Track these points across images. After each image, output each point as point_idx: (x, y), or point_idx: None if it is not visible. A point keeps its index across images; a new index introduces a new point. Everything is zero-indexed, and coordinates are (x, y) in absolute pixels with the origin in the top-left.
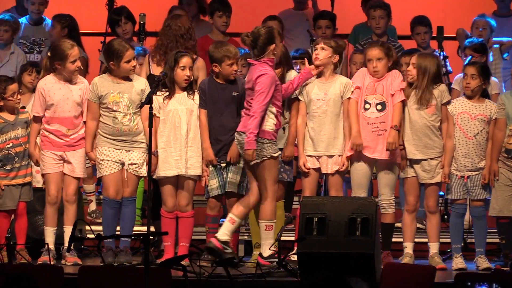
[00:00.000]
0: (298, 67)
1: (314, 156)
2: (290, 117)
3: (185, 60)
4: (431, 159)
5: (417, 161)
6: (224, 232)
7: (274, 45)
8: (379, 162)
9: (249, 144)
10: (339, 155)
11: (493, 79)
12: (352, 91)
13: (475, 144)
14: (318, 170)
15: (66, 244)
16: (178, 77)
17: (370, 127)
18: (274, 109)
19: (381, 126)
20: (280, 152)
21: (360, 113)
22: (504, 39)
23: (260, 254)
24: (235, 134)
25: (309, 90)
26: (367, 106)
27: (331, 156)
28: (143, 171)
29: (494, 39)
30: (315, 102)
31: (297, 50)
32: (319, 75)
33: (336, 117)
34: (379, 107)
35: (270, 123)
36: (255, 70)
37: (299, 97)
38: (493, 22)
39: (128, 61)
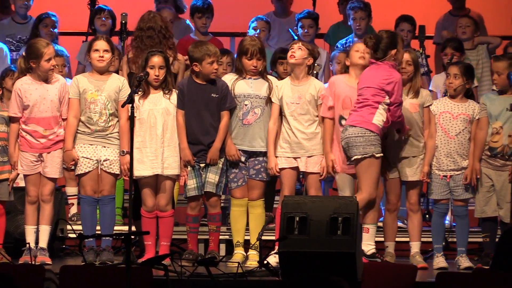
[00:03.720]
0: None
1: (292, 157)
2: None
3: (155, 60)
4: (413, 157)
5: (399, 160)
6: (366, 244)
7: (395, 50)
8: None
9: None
10: (320, 154)
11: None
12: (328, 107)
13: (457, 144)
14: (296, 169)
15: (41, 242)
16: (149, 77)
17: None
18: (385, 107)
19: None
20: (382, 154)
21: (336, 127)
22: (490, 38)
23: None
24: (343, 130)
25: (283, 93)
26: (343, 122)
27: (310, 156)
28: (116, 168)
29: (481, 37)
30: (289, 105)
31: (282, 50)
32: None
33: (311, 119)
34: None
35: (380, 120)
36: (379, 71)
37: (272, 99)
38: (474, 21)
39: (48, 60)
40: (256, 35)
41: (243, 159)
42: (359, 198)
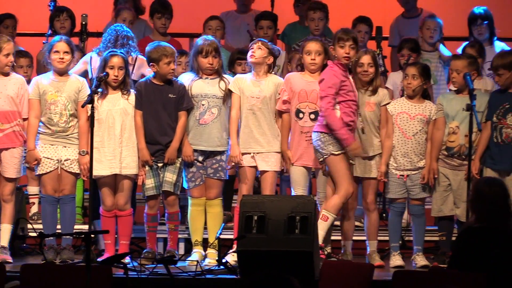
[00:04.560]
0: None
1: (250, 154)
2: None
3: (115, 60)
4: (370, 156)
5: (356, 158)
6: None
7: (332, 47)
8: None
9: (345, 140)
10: (276, 152)
11: (487, 78)
12: (283, 101)
13: (414, 144)
14: (254, 167)
15: (2, 241)
16: (108, 77)
17: (303, 136)
18: (336, 106)
19: None
20: (343, 151)
21: (293, 121)
22: (447, 53)
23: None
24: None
25: (243, 87)
26: (300, 115)
27: (267, 154)
28: (76, 168)
29: (441, 46)
30: (249, 100)
31: (240, 51)
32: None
33: (271, 115)
34: (312, 116)
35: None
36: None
37: (233, 89)
38: (441, 23)
39: (7, 55)
40: (212, 35)
41: (200, 158)
42: (339, 196)
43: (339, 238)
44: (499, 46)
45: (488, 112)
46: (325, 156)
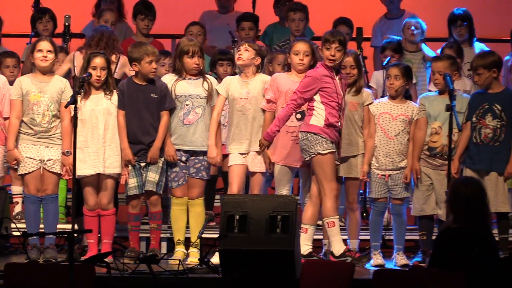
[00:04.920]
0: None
1: (240, 154)
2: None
3: (97, 61)
4: (352, 156)
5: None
6: (303, 244)
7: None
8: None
9: (267, 133)
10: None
11: (466, 79)
12: (267, 100)
13: (396, 144)
14: (245, 166)
15: None
16: (91, 78)
17: (289, 136)
18: (322, 106)
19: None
20: (331, 150)
21: None
22: (431, 53)
23: (332, 253)
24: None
25: (232, 89)
26: None
27: (256, 154)
28: (58, 168)
29: (423, 45)
30: (238, 101)
31: (222, 52)
32: (241, 74)
33: (260, 114)
34: (299, 116)
35: (318, 119)
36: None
37: (219, 90)
38: (423, 24)
39: None
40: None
41: (183, 158)
42: (327, 201)
43: (321, 237)
44: (479, 47)
45: (468, 113)
46: (312, 156)
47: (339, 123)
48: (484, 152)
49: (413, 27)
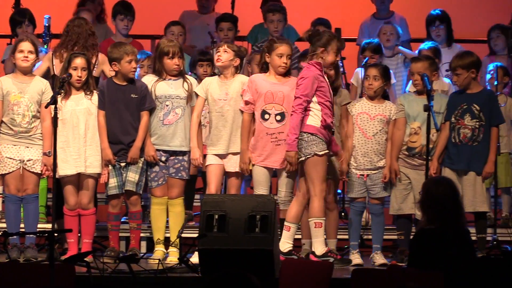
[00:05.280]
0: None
1: (218, 155)
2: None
3: (78, 61)
4: (329, 156)
5: None
6: (284, 241)
7: (323, 49)
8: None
9: (290, 146)
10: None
11: (444, 80)
12: (245, 101)
13: (374, 144)
14: (222, 166)
15: None
16: (71, 78)
17: (269, 137)
18: (318, 107)
19: (279, 137)
20: (327, 151)
21: (258, 122)
22: (409, 51)
23: (313, 253)
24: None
25: (211, 90)
26: (266, 116)
27: (235, 154)
28: (38, 168)
29: (400, 48)
30: (217, 102)
31: (202, 53)
32: (220, 75)
33: (238, 115)
34: (278, 117)
35: (315, 119)
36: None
37: (198, 91)
38: (399, 28)
39: None
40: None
41: (163, 158)
42: (315, 201)
43: (300, 236)
44: (457, 47)
45: (447, 113)
46: (308, 156)
47: (333, 123)
48: (463, 152)
49: (388, 33)
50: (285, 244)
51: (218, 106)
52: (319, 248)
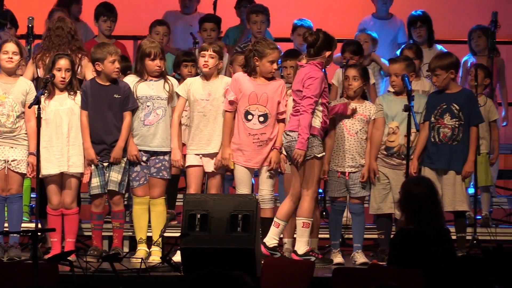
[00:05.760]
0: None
1: (198, 155)
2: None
3: (62, 62)
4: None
5: None
6: (271, 237)
7: (330, 52)
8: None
9: (302, 145)
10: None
11: (425, 80)
12: (229, 101)
13: (356, 141)
14: (202, 167)
15: None
16: (55, 79)
17: (251, 138)
18: (320, 108)
19: (261, 138)
20: (324, 153)
21: (241, 122)
22: (384, 61)
23: (295, 252)
24: (283, 135)
25: (193, 90)
26: (249, 117)
27: (214, 155)
28: (22, 168)
29: (375, 54)
30: (199, 102)
31: (186, 53)
32: (206, 77)
33: (221, 115)
34: (261, 118)
35: (316, 120)
36: (304, 71)
37: (179, 92)
38: (374, 35)
39: None
40: (159, 41)
41: (144, 158)
42: (307, 201)
43: (281, 235)
44: (438, 48)
45: (426, 113)
46: (307, 158)
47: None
48: (442, 151)
49: (362, 41)
50: (271, 239)
51: (201, 106)
52: (301, 247)
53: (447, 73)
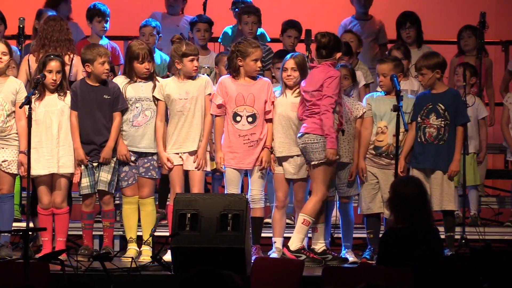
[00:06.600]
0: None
1: (177, 153)
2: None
3: (53, 64)
4: (297, 156)
5: (284, 158)
6: (317, 243)
7: (340, 53)
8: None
9: (331, 144)
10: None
11: (414, 80)
12: (218, 105)
13: (345, 141)
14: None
15: None
16: (45, 80)
17: (241, 139)
18: (336, 110)
19: (252, 138)
20: (338, 157)
21: (230, 125)
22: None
23: (287, 247)
24: (298, 137)
25: (168, 91)
26: (238, 118)
27: (194, 152)
28: (13, 168)
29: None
30: (178, 102)
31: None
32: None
33: (200, 114)
34: (250, 119)
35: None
36: (320, 71)
37: (157, 95)
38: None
39: None
40: (145, 41)
41: (133, 158)
42: (314, 200)
43: (271, 235)
44: (427, 48)
45: (413, 113)
46: (321, 161)
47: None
48: (428, 151)
49: (347, 40)
50: (318, 244)
51: (179, 105)
52: (295, 243)
53: (432, 73)
